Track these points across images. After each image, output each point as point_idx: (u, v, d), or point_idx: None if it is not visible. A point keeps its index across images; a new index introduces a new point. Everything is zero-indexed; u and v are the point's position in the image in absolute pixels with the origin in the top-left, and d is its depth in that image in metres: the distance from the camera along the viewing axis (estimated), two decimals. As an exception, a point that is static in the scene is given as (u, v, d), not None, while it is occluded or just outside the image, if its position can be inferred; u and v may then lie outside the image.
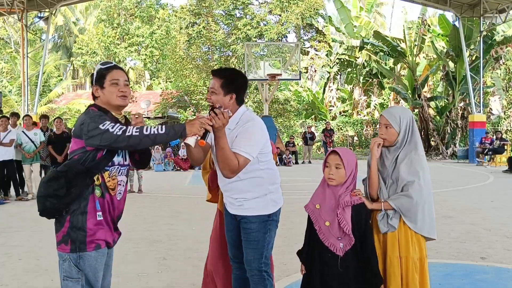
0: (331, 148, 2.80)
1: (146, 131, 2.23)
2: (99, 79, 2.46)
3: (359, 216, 2.57)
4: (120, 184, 2.50)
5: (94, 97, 2.51)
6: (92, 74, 2.53)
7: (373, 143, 2.76)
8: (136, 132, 2.22)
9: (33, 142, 9.58)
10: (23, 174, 9.80)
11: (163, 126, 2.26)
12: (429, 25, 23.90)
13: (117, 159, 2.46)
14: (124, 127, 2.26)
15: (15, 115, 10.20)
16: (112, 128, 2.25)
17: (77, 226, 2.34)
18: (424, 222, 2.64)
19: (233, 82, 2.76)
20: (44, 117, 11.05)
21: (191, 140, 2.33)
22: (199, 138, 2.34)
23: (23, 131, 9.58)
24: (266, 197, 2.87)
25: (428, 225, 2.65)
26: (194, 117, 2.32)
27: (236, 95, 2.76)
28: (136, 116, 2.60)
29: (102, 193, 2.40)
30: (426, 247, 2.73)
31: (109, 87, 2.44)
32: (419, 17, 24.75)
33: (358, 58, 26.89)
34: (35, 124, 10.69)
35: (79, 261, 2.36)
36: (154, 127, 2.24)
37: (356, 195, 2.60)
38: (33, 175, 9.62)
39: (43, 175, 9.93)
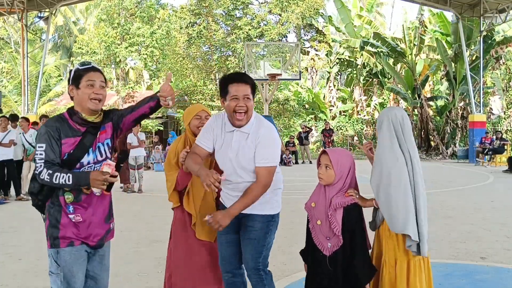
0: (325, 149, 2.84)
1: (56, 180, 2.33)
2: (75, 79, 2.47)
3: (350, 217, 2.58)
4: (91, 189, 2.49)
5: (71, 98, 2.53)
6: (70, 72, 2.54)
7: (365, 149, 2.92)
8: (47, 178, 2.33)
9: (30, 144, 9.64)
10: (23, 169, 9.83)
11: (71, 177, 2.33)
12: (426, 26, 23.87)
13: (86, 158, 2.47)
14: (41, 168, 2.35)
15: (15, 118, 10.17)
16: (38, 160, 2.38)
17: (52, 223, 2.46)
18: (396, 218, 2.60)
19: (255, 86, 2.89)
20: (45, 117, 11.06)
21: (96, 191, 2.46)
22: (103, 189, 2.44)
23: (21, 134, 9.64)
24: (272, 199, 2.92)
25: (400, 221, 2.60)
26: (100, 169, 2.41)
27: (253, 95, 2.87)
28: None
29: (76, 196, 2.44)
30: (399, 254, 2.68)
31: (84, 88, 2.44)
32: (417, 17, 24.76)
33: (358, 58, 26.90)
34: (36, 123, 10.70)
35: (57, 256, 2.45)
36: (63, 178, 2.32)
37: (349, 195, 2.61)
38: (30, 175, 9.70)
39: None
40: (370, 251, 2.75)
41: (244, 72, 3.10)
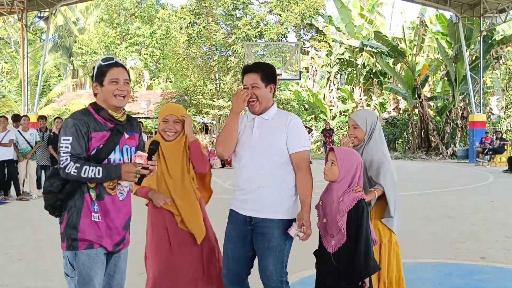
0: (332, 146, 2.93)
1: (84, 173, 2.26)
2: (99, 76, 2.42)
3: (356, 213, 2.59)
4: (120, 183, 2.44)
5: (95, 95, 2.48)
6: (93, 69, 2.49)
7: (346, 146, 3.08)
8: (74, 172, 2.26)
9: (28, 143, 9.62)
10: (18, 170, 9.80)
11: (101, 170, 2.28)
12: (426, 26, 23.88)
13: (113, 156, 2.40)
14: (67, 161, 2.26)
15: (18, 118, 10.17)
16: (63, 153, 2.29)
17: (71, 225, 2.35)
18: (394, 204, 3.00)
19: (272, 73, 2.84)
20: (42, 118, 11.04)
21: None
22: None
23: (19, 131, 9.61)
24: (290, 201, 2.75)
25: (398, 219, 3.11)
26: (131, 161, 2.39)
27: (275, 86, 2.84)
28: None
29: (99, 195, 2.36)
30: (389, 232, 3.12)
31: (108, 85, 2.40)
32: (418, 17, 24.75)
33: (358, 58, 26.89)
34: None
35: (75, 258, 2.36)
36: (93, 171, 2.27)
37: (358, 191, 2.65)
38: (29, 174, 9.71)
39: (43, 174, 9.97)
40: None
41: (262, 62, 3.03)
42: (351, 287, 2.56)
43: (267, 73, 2.80)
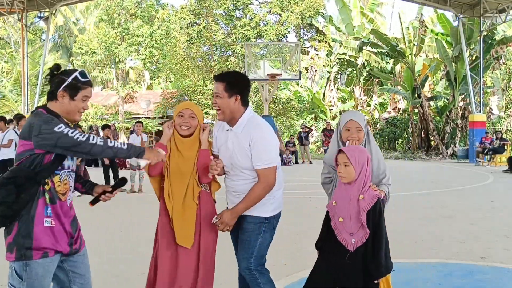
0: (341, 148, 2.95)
1: (111, 143, 2.29)
2: (73, 89, 2.41)
3: (374, 211, 2.64)
4: (70, 190, 2.47)
5: (51, 98, 2.42)
6: (61, 71, 2.45)
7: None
8: (100, 141, 2.27)
9: None
10: None
11: (126, 143, 2.37)
12: (426, 26, 23.88)
13: (67, 163, 2.41)
14: (87, 134, 2.28)
15: (21, 118, 10.18)
16: (72, 133, 2.25)
17: (24, 233, 2.27)
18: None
19: (236, 84, 2.86)
20: None
21: (143, 162, 2.48)
22: (150, 162, 2.50)
23: (15, 131, 9.62)
24: (267, 200, 2.89)
25: None
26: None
27: (241, 97, 2.85)
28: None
29: (52, 199, 2.34)
30: None
31: (78, 102, 2.43)
32: (416, 17, 24.76)
33: (358, 57, 26.90)
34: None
35: (26, 268, 2.28)
36: (118, 143, 2.32)
37: (376, 189, 2.71)
38: None
39: None
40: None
41: (232, 71, 3.07)
42: (365, 285, 2.61)
43: (232, 83, 2.84)
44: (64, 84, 2.41)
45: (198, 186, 2.95)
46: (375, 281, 2.62)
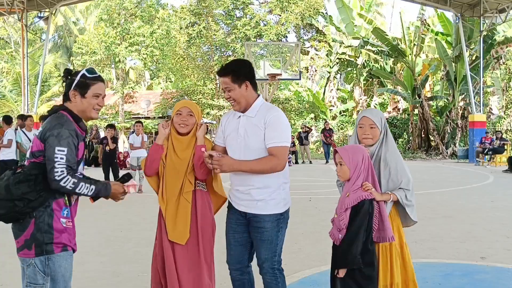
0: (336, 148, 2.95)
1: (80, 190, 2.33)
2: (82, 87, 2.44)
3: (356, 210, 2.65)
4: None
5: (66, 99, 2.49)
6: (72, 73, 2.51)
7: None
8: (70, 187, 2.30)
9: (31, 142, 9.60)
10: None
11: (94, 189, 2.38)
12: (428, 25, 23.87)
13: (79, 167, 2.48)
14: (64, 174, 2.27)
15: (25, 118, 10.20)
16: (58, 165, 2.27)
17: (44, 229, 2.31)
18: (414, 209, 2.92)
19: (242, 71, 2.88)
20: (44, 118, 11.08)
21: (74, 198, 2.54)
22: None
23: (23, 131, 9.61)
24: (278, 195, 2.86)
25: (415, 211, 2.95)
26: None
27: (250, 81, 2.87)
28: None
29: (69, 200, 2.41)
30: (404, 234, 2.96)
31: (90, 99, 2.45)
32: (418, 17, 24.75)
33: (358, 57, 26.89)
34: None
35: (48, 263, 2.33)
36: (87, 188, 2.35)
37: (367, 189, 2.69)
38: None
39: None
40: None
41: (230, 61, 3.01)
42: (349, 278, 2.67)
43: (238, 73, 2.84)
44: (74, 84, 2.45)
45: (190, 184, 2.97)
46: (336, 272, 2.67)
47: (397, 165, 2.86)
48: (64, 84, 2.52)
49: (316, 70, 29.65)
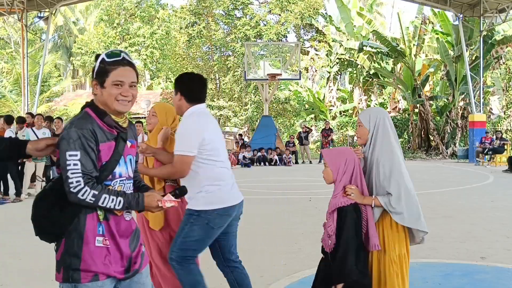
0: (321, 150, 2.94)
1: (103, 203, 1.92)
2: (100, 74, 2.01)
3: (344, 217, 2.62)
4: None
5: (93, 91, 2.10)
6: (96, 58, 2.09)
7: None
8: (91, 200, 1.90)
9: None
10: (24, 171, 9.82)
11: (122, 202, 1.95)
12: (432, 23, 23.83)
13: (119, 170, 2.04)
14: (81, 185, 1.89)
15: (32, 117, 10.24)
16: (72, 174, 1.89)
17: (71, 252, 1.95)
18: (409, 213, 2.70)
19: (177, 82, 3.13)
20: (48, 118, 11.13)
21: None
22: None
23: (32, 130, 9.63)
24: (198, 195, 2.94)
25: (412, 216, 2.71)
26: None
27: (180, 93, 3.06)
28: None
29: (105, 215, 1.99)
30: (407, 244, 2.79)
31: (109, 88, 1.99)
32: (416, 17, 24.74)
33: (358, 57, 26.89)
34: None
35: None
36: (113, 201, 1.93)
37: (348, 194, 2.64)
38: (37, 175, 9.76)
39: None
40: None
41: (182, 73, 3.36)
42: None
43: (175, 82, 3.13)
44: (94, 72, 2.05)
45: (160, 180, 3.24)
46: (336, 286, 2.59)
47: (389, 171, 2.70)
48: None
49: (316, 70, 29.64)
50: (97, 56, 2.06)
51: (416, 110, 24.00)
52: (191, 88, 3.09)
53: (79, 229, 1.95)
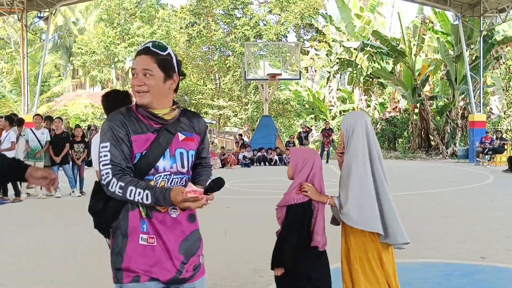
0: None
1: (130, 195, 1.83)
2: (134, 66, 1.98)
3: (288, 210, 2.73)
4: None
5: None
6: None
7: (337, 152, 3.09)
8: (119, 192, 1.83)
9: (39, 141, 9.58)
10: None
11: (150, 195, 1.82)
12: (432, 22, 23.83)
13: (162, 164, 1.92)
14: (109, 177, 1.84)
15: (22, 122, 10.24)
16: (103, 166, 1.87)
17: (116, 251, 1.91)
18: (358, 215, 2.71)
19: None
20: (48, 118, 11.14)
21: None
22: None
23: (31, 130, 9.61)
24: None
25: (361, 218, 2.72)
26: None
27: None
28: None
29: (147, 211, 1.89)
30: (380, 245, 2.79)
31: (132, 79, 1.98)
32: (416, 16, 24.74)
33: (358, 57, 26.88)
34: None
35: None
36: (139, 195, 1.82)
37: (301, 192, 2.74)
38: None
39: None
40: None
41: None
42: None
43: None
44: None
45: None
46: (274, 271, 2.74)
47: (347, 173, 2.76)
48: None
49: (316, 70, 29.64)
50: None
51: (416, 110, 24.00)
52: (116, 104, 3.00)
53: (123, 226, 1.90)
